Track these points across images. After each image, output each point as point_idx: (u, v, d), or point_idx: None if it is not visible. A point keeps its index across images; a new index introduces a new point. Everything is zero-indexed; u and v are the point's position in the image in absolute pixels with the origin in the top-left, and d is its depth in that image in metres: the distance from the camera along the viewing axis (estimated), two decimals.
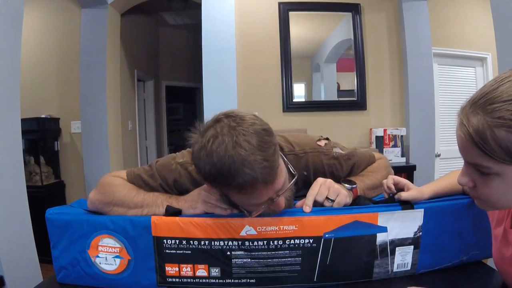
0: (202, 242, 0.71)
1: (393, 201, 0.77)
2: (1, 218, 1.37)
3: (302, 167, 0.85)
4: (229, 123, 0.63)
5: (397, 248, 0.75)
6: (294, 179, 0.71)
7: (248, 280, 0.72)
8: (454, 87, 2.94)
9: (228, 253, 0.71)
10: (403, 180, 0.78)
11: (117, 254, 0.73)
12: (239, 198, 0.67)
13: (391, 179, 0.78)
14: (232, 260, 0.71)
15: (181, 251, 0.71)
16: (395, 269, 0.76)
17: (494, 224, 0.72)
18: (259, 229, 0.70)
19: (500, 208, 0.60)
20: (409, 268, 0.77)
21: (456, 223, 0.78)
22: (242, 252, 0.71)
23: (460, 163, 0.60)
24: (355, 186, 0.81)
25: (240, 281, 0.72)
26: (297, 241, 0.71)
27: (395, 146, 2.56)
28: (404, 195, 0.74)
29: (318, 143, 0.90)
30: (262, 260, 0.71)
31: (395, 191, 0.77)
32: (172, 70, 4.88)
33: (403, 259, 0.76)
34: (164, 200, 0.76)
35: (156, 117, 4.53)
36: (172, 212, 0.73)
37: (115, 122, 2.91)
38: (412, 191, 0.76)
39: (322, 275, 0.73)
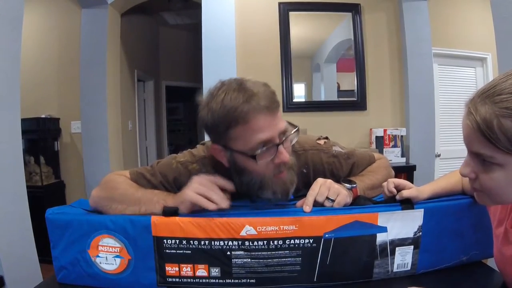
0: (202, 242, 0.71)
1: (393, 201, 0.77)
2: (1, 218, 1.37)
3: (301, 165, 0.85)
4: (234, 79, 0.74)
5: (397, 248, 0.75)
6: (296, 129, 0.76)
7: (248, 280, 0.72)
8: (454, 87, 2.93)
9: (228, 253, 0.71)
10: (402, 182, 0.78)
11: (117, 254, 0.73)
12: (242, 138, 0.70)
13: (392, 183, 0.77)
14: (232, 260, 0.71)
15: (181, 251, 0.71)
16: (395, 269, 0.76)
17: (495, 224, 0.72)
18: (259, 229, 0.70)
19: (501, 202, 0.60)
20: (409, 268, 0.77)
21: (456, 223, 0.78)
22: (242, 252, 0.71)
23: (460, 163, 0.60)
24: (355, 185, 0.81)
25: (240, 281, 0.72)
26: (297, 241, 0.71)
27: (395, 146, 2.56)
28: (405, 193, 0.74)
29: (318, 141, 0.91)
30: (262, 260, 0.71)
31: (396, 193, 0.77)
32: (172, 70, 4.88)
33: (403, 259, 0.76)
34: (160, 198, 0.75)
35: (156, 117, 4.54)
36: (169, 212, 0.72)
37: (115, 122, 2.91)
38: (412, 189, 0.76)
39: (322, 275, 0.73)
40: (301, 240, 0.71)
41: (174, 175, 0.82)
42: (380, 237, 0.73)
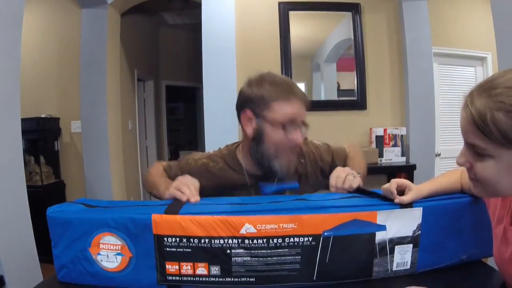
0: (202, 240, 0.71)
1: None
2: (1, 218, 1.37)
3: (298, 155, 0.99)
4: None
5: (396, 247, 0.75)
6: (308, 127, 0.93)
7: (248, 279, 0.72)
8: (454, 87, 2.93)
9: (228, 251, 0.71)
10: (404, 182, 0.78)
11: (119, 251, 0.73)
12: (280, 111, 0.87)
13: (394, 184, 0.77)
14: (232, 259, 0.71)
15: (182, 249, 0.72)
16: (394, 268, 0.76)
17: (494, 223, 0.72)
18: (258, 227, 0.70)
19: (496, 193, 0.61)
20: (408, 267, 0.77)
21: (455, 222, 0.78)
22: (242, 251, 0.71)
23: None
24: (359, 174, 0.90)
25: (239, 279, 0.72)
26: (296, 239, 0.71)
27: (395, 145, 2.56)
28: (406, 199, 0.74)
29: None
30: (261, 259, 0.71)
31: (396, 194, 0.76)
32: (172, 70, 4.88)
33: (403, 257, 0.76)
34: (164, 185, 0.89)
35: (156, 117, 4.53)
36: (171, 210, 0.73)
37: (115, 122, 2.91)
38: (411, 193, 0.75)
39: (322, 274, 0.73)
40: (300, 238, 0.71)
41: (188, 168, 1.00)
42: (379, 236, 0.73)
